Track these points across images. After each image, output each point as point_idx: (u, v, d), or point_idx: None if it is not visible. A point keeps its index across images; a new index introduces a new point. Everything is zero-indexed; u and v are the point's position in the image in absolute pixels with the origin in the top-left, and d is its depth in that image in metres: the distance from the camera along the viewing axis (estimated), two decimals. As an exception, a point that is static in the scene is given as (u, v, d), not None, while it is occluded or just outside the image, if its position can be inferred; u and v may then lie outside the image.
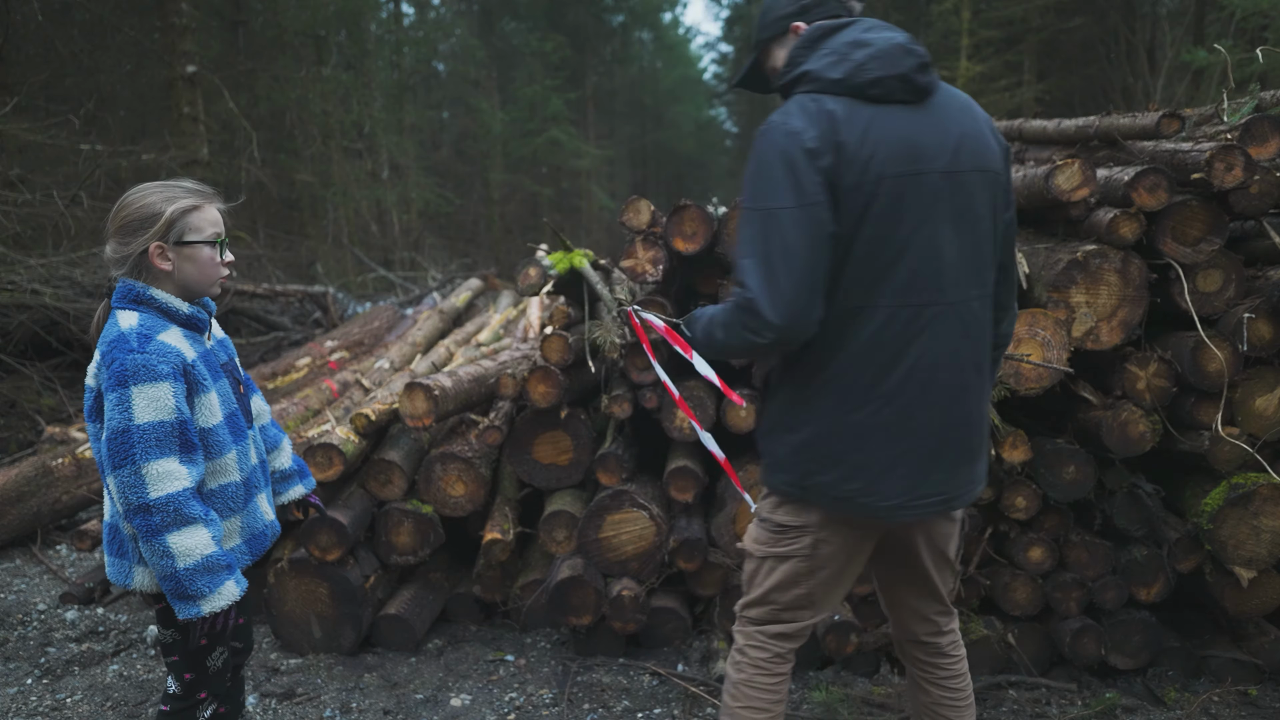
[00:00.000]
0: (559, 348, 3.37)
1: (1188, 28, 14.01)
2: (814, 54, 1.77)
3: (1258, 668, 3.05)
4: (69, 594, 3.81)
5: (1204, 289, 2.94)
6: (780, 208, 1.65)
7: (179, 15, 10.57)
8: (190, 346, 1.88)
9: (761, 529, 1.96)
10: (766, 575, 1.95)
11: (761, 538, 1.95)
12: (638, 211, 3.43)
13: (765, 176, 1.68)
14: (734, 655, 2.00)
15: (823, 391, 1.76)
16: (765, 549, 1.94)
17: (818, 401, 1.77)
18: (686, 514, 3.41)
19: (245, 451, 2.01)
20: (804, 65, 1.77)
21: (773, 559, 1.93)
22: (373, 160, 16.44)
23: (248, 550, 2.02)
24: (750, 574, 2.00)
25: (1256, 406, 2.96)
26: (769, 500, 1.94)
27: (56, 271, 6.65)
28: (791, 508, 1.88)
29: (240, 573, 1.90)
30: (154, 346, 1.78)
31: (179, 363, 1.81)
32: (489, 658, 3.35)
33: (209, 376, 1.91)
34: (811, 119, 1.67)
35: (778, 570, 1.92)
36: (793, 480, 1.82)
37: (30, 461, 4.60)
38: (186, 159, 10.28)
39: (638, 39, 32.14)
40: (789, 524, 1.88)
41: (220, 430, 1.92)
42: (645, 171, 33.34)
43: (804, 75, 1.76)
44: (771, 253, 1.65)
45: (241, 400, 2.06)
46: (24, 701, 3.03)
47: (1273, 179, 2.90)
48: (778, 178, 1.66)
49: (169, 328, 1.85)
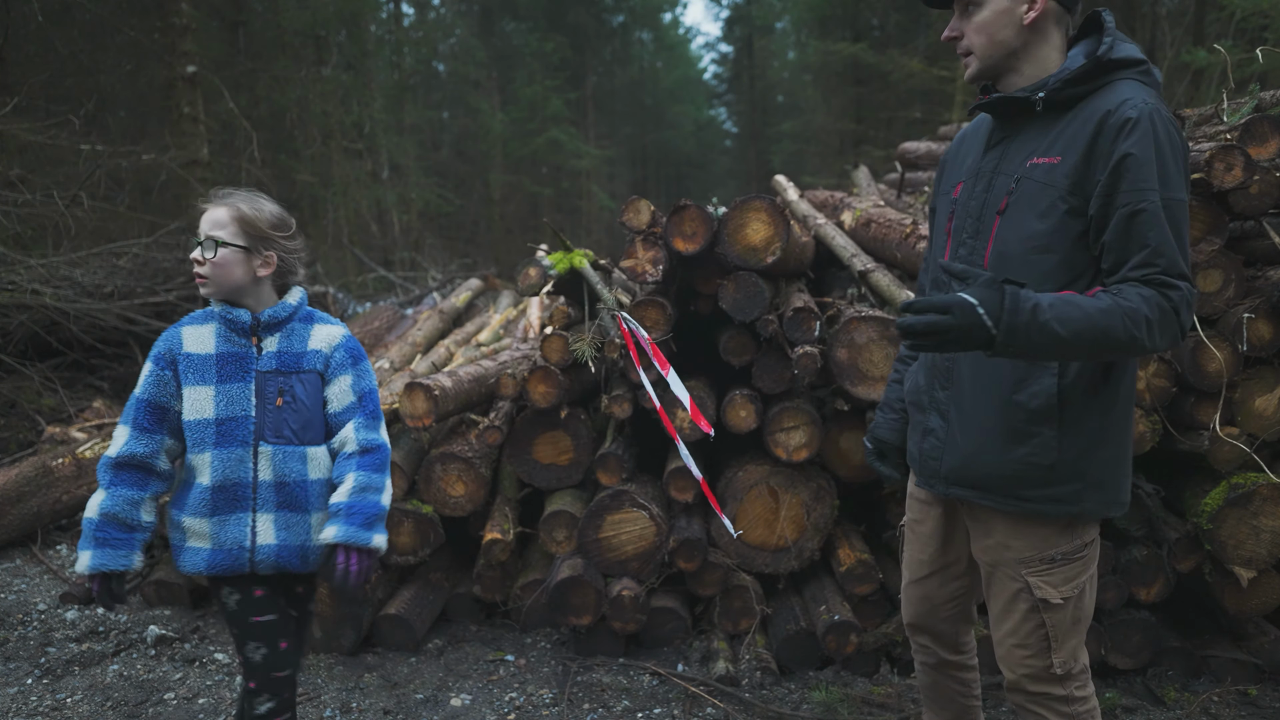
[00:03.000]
0: (559, 348, 3.37)
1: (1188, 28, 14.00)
2: (1127, 42, 1.74)
3: (1258, 668, 3.05)
4: (69, 594, 3.81)
5: (1204, 289, 2.94)
6: (1185, 201, 1.62)
7: (179, 15, 10.56)
8: (212, 341, 1.98)
9: (1065, 567, 1.78)
10: (1089, 604, 1.83)
11: (1071, 573, 1.79)
12: (638, 211, 3.43)
13: (1171, 163, 1.61)
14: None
15: (1126, 397, 1.76)
16: (1080, 579, 1.80)
17: (1123, 409, 1.76)
18: (686, 514, 3.41)
19: (234, 460, 1.94)
20: (1134, 53, 1.72)
21: (1087, 583, 1.82)
22: (373, 160, 16.43)
23: (210, 560, 1.96)
24: (1069, 621, 1.80)
25: (1256, 406, 2.96)
26: (1057, 533, 1.78)
27: (56, 271, 6.64)
28: (1084, 526, 1.80)
29: (99, 551, 1.89)
30: (166, 332, 2.01)
31: (164, 349, 1.98)
32: (489, 658, 3.35)
33: (208, 374, 1.94)
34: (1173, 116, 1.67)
35: (1089, 593, 1.83)
36: (1105, 499, 1.77)
37: (30, 461, 4.60)
38: (186, 159, 10.28)
39: (638, 39, 32.13)
40: (1087, 539, 1.81)
41: (201, 428, 1.94)
42: (645, 171, 33.33)
43: (1141, 64, 1.72)
44: (1187, 247, 1.61)
45: (269, 413, 1.97)
46: (24, 701, 3.02)
47: (1272, 179, 2.89)
48: (1181, 167, 1.62)
49: (205, 322, 2.01)
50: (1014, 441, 1.75)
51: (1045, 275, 1.71)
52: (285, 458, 1.98)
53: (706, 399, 3.34)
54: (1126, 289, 1.57)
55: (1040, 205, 1.72)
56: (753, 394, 3.30)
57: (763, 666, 3.14)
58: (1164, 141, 1.61)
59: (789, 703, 2.98)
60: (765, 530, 3.33)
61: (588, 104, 27.10)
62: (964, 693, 2.16)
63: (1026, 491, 1.75)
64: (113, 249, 7.51)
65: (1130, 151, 1.60)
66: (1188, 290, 1.58)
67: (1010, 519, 1.81)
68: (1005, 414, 1.75)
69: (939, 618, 2.08)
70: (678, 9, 38.71)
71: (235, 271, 1.97)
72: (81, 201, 7.26)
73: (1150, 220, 1.58)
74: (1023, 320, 1.48)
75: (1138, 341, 1.54)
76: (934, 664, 2.14)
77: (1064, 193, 1.69)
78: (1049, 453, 1.72)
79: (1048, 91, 1.72)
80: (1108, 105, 1.65)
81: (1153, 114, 1.62)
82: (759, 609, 3.31)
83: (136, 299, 7.34)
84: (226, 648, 3.41)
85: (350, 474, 1.99)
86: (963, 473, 1.84)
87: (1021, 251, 1.74)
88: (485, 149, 22.34)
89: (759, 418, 3.28)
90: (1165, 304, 1.55)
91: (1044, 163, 1.72)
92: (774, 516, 3.32)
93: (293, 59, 14.35)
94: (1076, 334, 1.51)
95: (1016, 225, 1.75)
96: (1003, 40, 1.76)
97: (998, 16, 1.75)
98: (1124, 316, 1.53)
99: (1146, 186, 1.59)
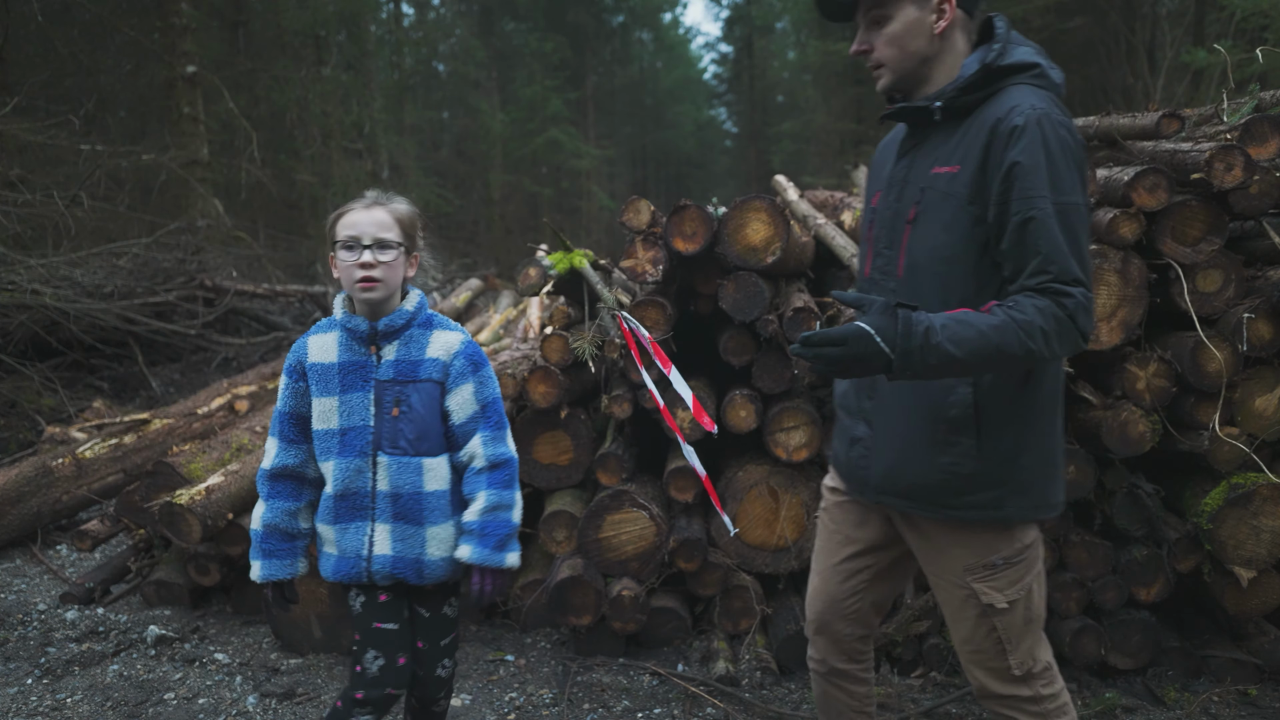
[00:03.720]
0: (559, 348, 3.37)
1: (1188, 28, 14.01)
2: (1020, 46, 1.73)
3: (1258, 668, 3.05)
4: (69, 594, 3.81)
5: (1204, 289, 2.94)
6: (1080, 204, 1.60)
7: (179, 15, 10.57)
8: (335, 351, 1.99)
9: (1007, 571, 1.78)
10: (1038, 603, 1.82)
11: (1014, 576, 1.78)
12: (638, 211, 3.43)
13: (1063, 167, 1.60)
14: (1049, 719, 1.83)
15: (1048, 401, 1.76)
16: (1025, 580, 1.79)
17: (1045, 414, 1.75)
18: (686, 514, 3.41)
19: (353, 470, 1.96)
20: (1027, 56, 1.71)
21: (1033, 583, 1.81)
22: (373, 160, 16.44)
23: (333, 568, 2.02)
24: (1020, 623, 1.80)
25: (1256, 406, 2.96)
26: (994, 537, 1.78)
27: (56, 271, 6.64)
28: (1023, 528, 1.79)
29: (267, 562, 2.01)
30: (296, 343, 2.03)
31: (294, 361, 2.02)
32: (489, 658, 3.35)
33: (333, 384, 1.97)
34: (1069, 118, 1.65)
35: (1037, 592, 1.82)
36: (1029, 503, 1.76)
37: (30, 461, 4.59)
38: (186, 159, 10.29)
39: (638, 39, 32.17)
40: (1026, 541, 1.80)
41: (327, 438, 1.98)
42: (645, 171, 33.35)
43: (1033, 68, 1.71)
44: (1084, 251, 1.59)
45: (386, 423, 1.96)
46: (24, 701, 3.03)
47: (1272, 179, 2.90)
48: (1072, 171, 1.61)
49: (329, 330, 2.02)
50: (936, 450, 1.75)
51: (952, 285, 1.72)
52: (400, 469, 1.96)
53: (707, 399, 3.33)
54: (1022, 299, 1.56)
55: (944, 216, 1.72)
56: (753, 394, 3.30)
57: (763, 666, 3.14)
58: (1054, 146, 1.60)
59: (789, 703, 2.98)
60: (765, 530, 3.33)
61: (588, 104, 27.11)
62: (855, 707, 2.13)
63: (951, 499, 1.76)
64: (113, 249, 7.52)
65: (1018, 160, 1.59)
66: (1082, 296, 1.56)
67: (946, 526, 1.81)
68: (926, 423, 1.76)
69: (839, 615, 2.04)
70: (678, 9, 38.74)
71: (401, 273, 1.99)
72: (81, 201, 7.26)
73: (1039, 228, 1.57)
74: (916, 344, 1.51)
75: (1034, 353, 1.55)
76: (824, 672, 2.11)
77: (964, 202, 1.69)
78: (969, 461, 1.73)
79: (944, 100, 1.73)
80: (998, 113, 1.65)
81: (1040, 119, 1.60)
82: (759, 609, 3.31)
83: (136, 299, 7.34)
84: (226, 648, 3.41)
85: (481, 492, 1.98)
86: (890, 482, 1.83)
87: (929, 262, 1.75)
88: (485, 149, 22.35)
89: (759, 418, 3.28)
90: (1060, 312, 1.54)
91: (945, 172, 1.73)
92: (774, 516, 3.32)
93: (293, 59, 14.36)
94: (971, 352, 1.53)
95: (924, 236, 1.75)
96: (915, 51, 1.76)
97: (909, 27, 1.74)
98: (1017, 330, 1.53)
99: (1035, 194, 1.58)
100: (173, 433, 4.99)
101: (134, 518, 3.91)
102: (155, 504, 3.56)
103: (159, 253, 8.12)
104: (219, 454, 4.06)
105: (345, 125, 15.16)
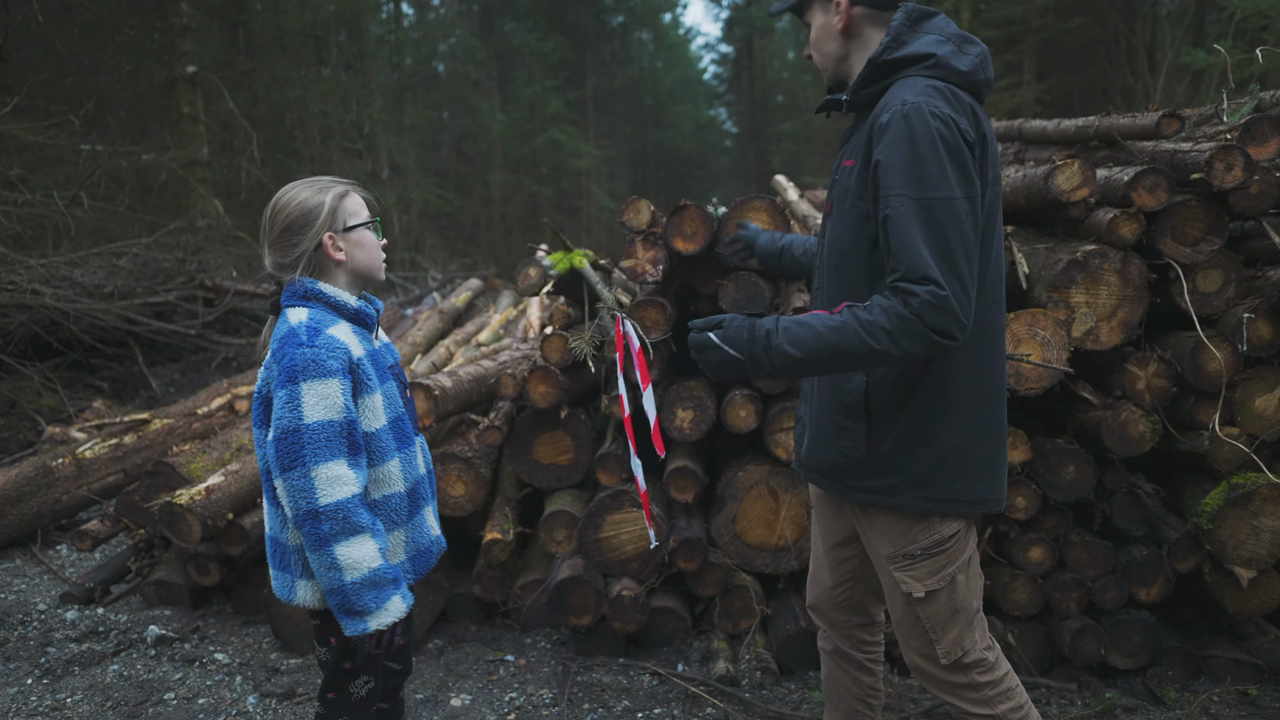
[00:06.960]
0: (559, 348, 3.37)
1: (1188, 28, 14.02)
2: (920, 37, 1.72)
3: (1258, 668, 3.05)
4: (69, 594, 3.81)
5: (1204, 289, 2.94)
6: (952, 198, 1.56)
7: (179, 15, 10.58)
8: (359, 343, 1.79)
9: (926, 562, 1.80)
10: (964, 594, 1.83)
11: (934, 567, 1.80)
12: (638, 211, 3.43)
13: (930, 161, 1.56)
14: (991, 706, 1.83)
15: (959, 396, 1.74)
16: (946, 571, 1.80)
17: (954, 409, 1.74)
18: (686, 514, 3.41)
19: (411, 459, 1.88)
20: (922, 47, 1.69)
21: (957, 575, 1.82)
22: (372, 160, 16.45)
23: (411, 567, 1.89)
24: (945, 613, 1.82)
25: (1256, 406, 2.96)
26: (908, 526, 1.80)
27: (56, 271, 6.65)
28: (940, 520, 1.80)
29: (406, 591, 1.77)
30: (323, 340, 1.70)
31: (346, 359, 1.72)
32: (489, 658, 3.35)
33: (375, 377, 1.80)
34: (957, 108, 1.61)
35: (965, 584, 1.83)
36: (927, 495, 1.76)
37: (30, 461, 4.59)
38: (186, 159, 10.29)
39: (638, 39, 32.17)
40: (946, 533, 1.80)
41: (384, 435, 1.80)
42: (645, 171, 33.35)
43: (928, 59, 1.68)
44: (953, 247, 1.54)
45: (409, 405, 1.95)
46: (24, 701, 3.03)
47: (1272, 179, 2.89)
48: (942, 164, 1.56)
49: (338, 322, 1.78)
50: (836, 433, 1.83)
51: (847, 276, 1.78)
52: (424, 446, 1.99)
53: (707, 399, 3.34)
54: (875, 299, 1.58)
55: (844, 208, 1.77)
56: (753, 394, 3.30)
57: (763, 666, 3.14)
58: (920, 140, 1.56)
59: (789, 703, 2.98)
60: (765, 530, 3.33)
61: (587, 104, 27.11)
62: (857, 694, 2.16)
63: (849, 480, 1.84)
64: (113, 249, 7.53)
65: (879, 158, 1.62)
66: (929, 294, 1.51)
67: (864, 512, 1.87)
68: (831, 407, 1.84)
69: (831, 603, 2.13)
70: (678, 9, 38.68)
71: None
72: (81, 201, 7.26)
73: (893, 226, 1.57)
74: (760, 348, 1.61)
75: (879, 353, 1.55)
76: (829, 650, 2.20)
77: (855, 197, 1.73)
78: (859, 446, 1.79)
79: (849, 94, 1.79)
80: (879, 108, 1.67)
81: (908, 114, 1.58)
82: (759, 609, 3.31)
83: (136, 299, 7.34)
84: (226, 648, 3.42)
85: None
86: (810, 459, 1.93)
87: (830, 252, 1.83)
88: (485, 149, 22.36)
89: (759, 418, 3.28)
90: (904, 311, 1.52)
91: (846, 165, 1.79)
92: (774, 516, 3.32)
93: (293, 59, 14.36)
94: (810, 353, 1.58)
95: (832, 226, 1.84)
96: (829, 51, 1.84)
97: (820, 31, 1.84)
98: (858, 330, 1.55)
99: (892, 191, 1.58)
100: (173, 433, 4.99)
101: (134, 518, 3.91)
102: (155, 504, 3.56)
103: (159, 253, 8.13)
104: (219, 454, 4.06)
105: (345, 125, 15.17)
